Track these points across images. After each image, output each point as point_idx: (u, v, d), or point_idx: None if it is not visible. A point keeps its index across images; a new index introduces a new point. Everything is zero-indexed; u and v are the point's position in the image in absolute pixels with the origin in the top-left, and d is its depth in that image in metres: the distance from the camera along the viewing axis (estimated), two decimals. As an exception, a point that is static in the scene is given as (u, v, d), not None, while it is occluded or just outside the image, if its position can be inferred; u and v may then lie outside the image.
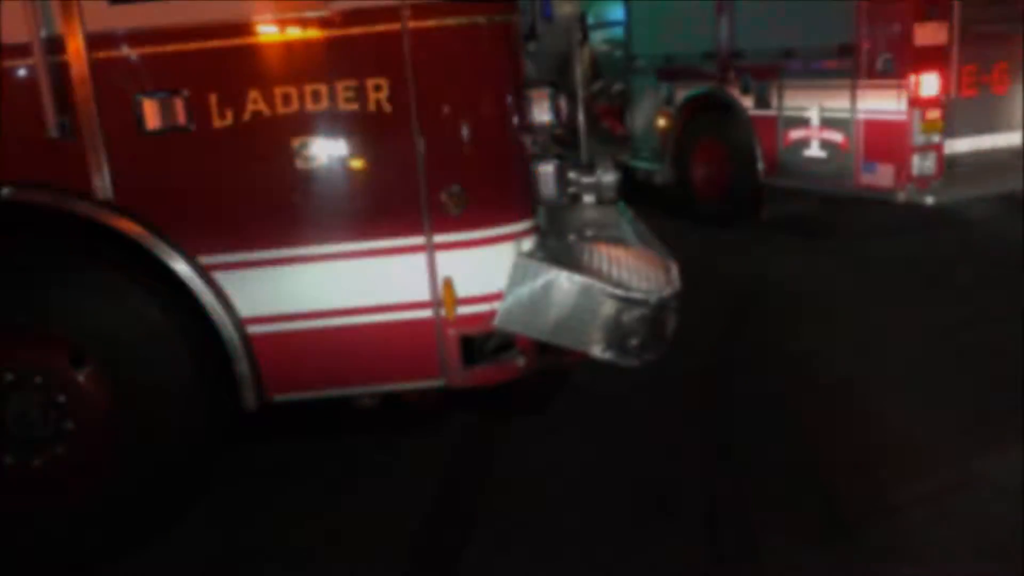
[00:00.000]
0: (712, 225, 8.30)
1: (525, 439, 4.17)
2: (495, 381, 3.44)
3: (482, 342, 3.42)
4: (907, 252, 6.99)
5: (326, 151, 3.16)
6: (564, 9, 4.33)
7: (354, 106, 3.12)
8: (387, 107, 3.12)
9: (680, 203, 8.95)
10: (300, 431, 4.25)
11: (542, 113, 3.38)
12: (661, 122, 9.09)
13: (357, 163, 3.18)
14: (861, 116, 6.85)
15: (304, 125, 3.13)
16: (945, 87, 6.57)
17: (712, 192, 8.62)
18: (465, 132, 3.20)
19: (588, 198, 4.50)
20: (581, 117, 5.59)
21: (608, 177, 3.97)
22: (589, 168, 3.99)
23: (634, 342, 3.24)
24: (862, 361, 4.84)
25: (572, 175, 3.81)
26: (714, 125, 8.45)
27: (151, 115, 3.12)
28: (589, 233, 4.21)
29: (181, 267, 3.21)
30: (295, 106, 3.11)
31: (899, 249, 7.11)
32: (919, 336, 5.13)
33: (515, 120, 3.30)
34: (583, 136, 5.12)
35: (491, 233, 3.25)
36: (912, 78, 6.49)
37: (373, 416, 3.98)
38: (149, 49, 3.11)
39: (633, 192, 8.41)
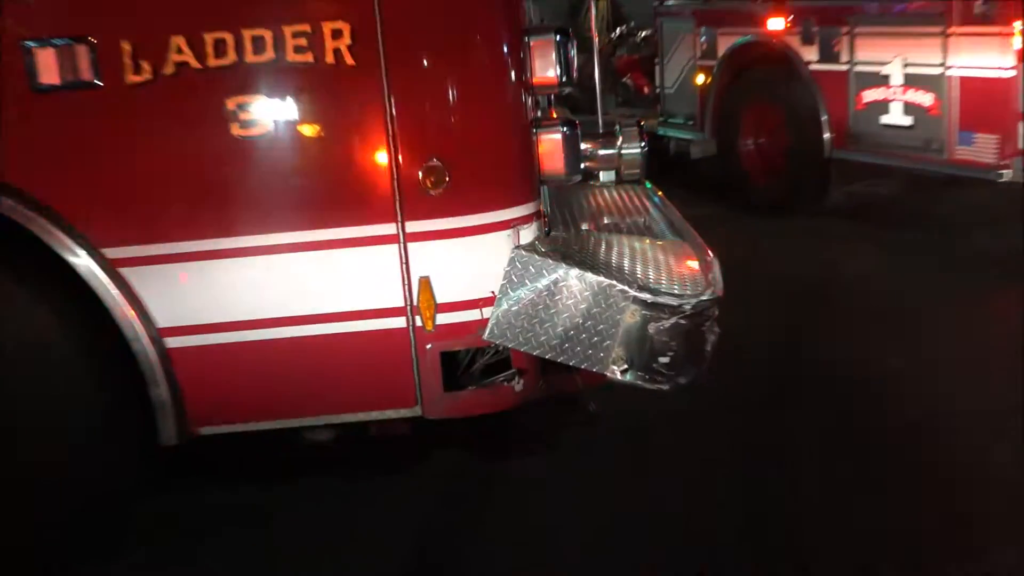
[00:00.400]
0: (765, 211, 8.31)
1: (523, 486, 4.16)
2: (485, 411, 3.44)
3: (469, 360, 3.43)
4: (1013, 247, 6.98)
5: (271, 114, 3.16)
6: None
7: (307, 57, 3.12)
8: (348, 59, 3.12)
9: (724, 182, 8.95)
10: (234, 474, 4.24)
11: (546, 67, 3.37)
12: (700, 78, 9.10)
13: (310, 130, 3.19)
14: (955, 72, 6.87)
15: (243, 82, 3.13)
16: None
17: (765, 168, 8.62)
18: (447, 91, 3.19)
19: (606, 176, 4.53)
20: (597, 72, 5.63)
21: (631, 149, 3.98)
22: (607, 137, 4.00)
23: (664, 360, 3.24)
24: (957, 387, 4.84)
25: (585, 146, 3.82)
26: (767, 83, 8.46)
27: (47, 67, 3.11)
28: (607, 220, 4.23)
29: (82, 262, 3.21)
30: (231, 57, 3.11)
31: (1003, 243, 7.10)
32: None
33: (512, 76, 3.30)
34: (600, 96, 5.15)
35: (480, 220, 3.25)
36: (1019, 24, 6.50)
37: (330, 455, 3.97)
38: (44, -17, 3.12)
39: (664, 168, 8.48)
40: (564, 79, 3.45)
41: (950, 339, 5.48)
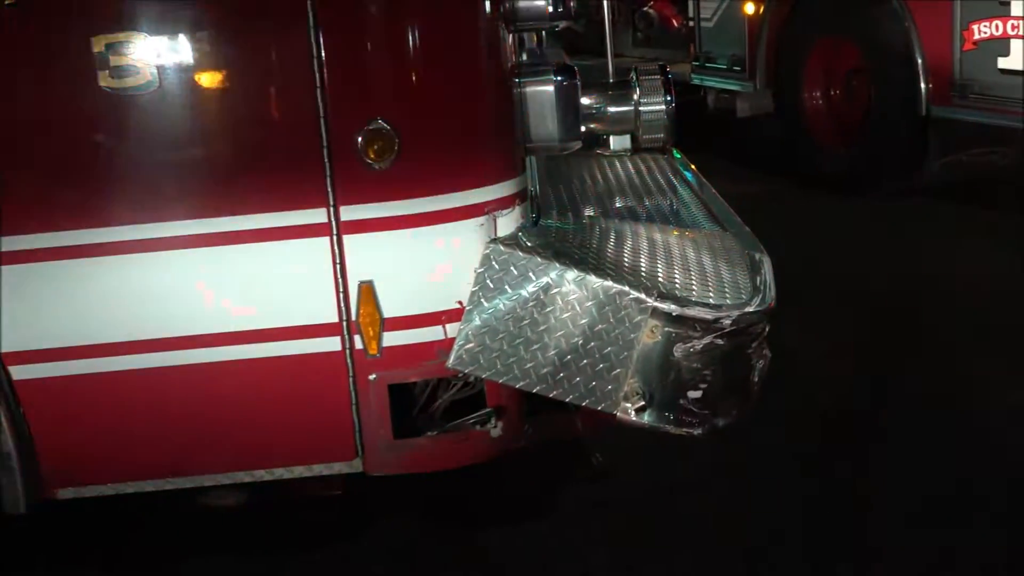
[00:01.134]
0: (838, 189, 8.34)
1: (505, 568, 4.16)
2: (450, 465, 3.45)
3: (428, 396, 3.43)
4: None
5: (153, 59, 3.15)
6: None
7: (204, -20, 3.15)
8: (261, -17, 3.16)
9: (783, 150, 8.96)
10: (100, 554, 4.23)
11: (534, -6, 3.41)
12: (749, 7, 9.12)
13: (207, 80, 3.19)
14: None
15: (114, 14, 3.14)
16: None
17: (838, 131, 8.64)
18: (396, 27, 3.21)
19: (618, 142, 4.54)
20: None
21: (653, 105, 3.99)
22: (620, 89, 4.01)
23: (695, 395, 3.25)
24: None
25: (589, 101, 3.82)
26: (841, 13, 8.49)
27: None
28: (620, 203, 4.23)
29: None
30: (98, -19, 3.13)
31: None
32: None
33: (485, 5, 3.30)
34: (610, 33, 5.15)
35: (442, 204, 3.26)
36: None
37: (236, 525, 3.97)
38: None
39: (701, 130, 8.47)
40: (558, 9, 3.45)
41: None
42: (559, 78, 3.45)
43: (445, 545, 4.34)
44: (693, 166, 4.71)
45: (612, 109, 4.01)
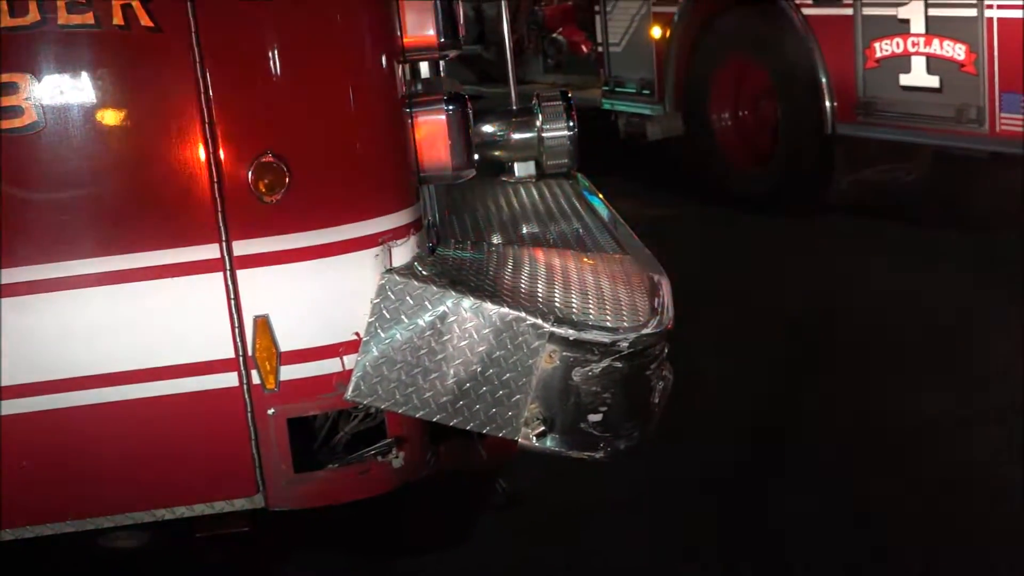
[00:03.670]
0: (748, 208, 8.39)
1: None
2: (353, 497, 3.42)
3: (329, 429, 3.42)
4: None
5: (39, 99, 3.12)
6: None
7: (86, 18, 3.11)
8: (144, 19, 3.11)
9: (693, 172, 9.00)
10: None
11: (423, 22, 3.39)
12: (656, 31, 9.17)
13: (96, 118, 3.17)
14: (995, 14, 6.98)
15: (2, 56, 3.11)
16: None
17: (747, 151, 8.71)
18: (282, 59, 3.20)
19: (523, 168, 4.55)
20: (506, 26, 5.64)
21: (556, 131, 3.99)
22: (523, 116, 4.01)
23: (595, 419, 3.26)
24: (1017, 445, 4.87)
25: (492, 129, 3.81)
26: (748, 35, 8.57)
27: None
28: (526, 230, 4.24)
29: None
30: (-18, 21, 3.11)
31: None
32: None
33: (372, 36, 3.32)
34: (510, 59, 5.15)
35: (336, 235, 3.25)
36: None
37: (137, 567, 3.92)
38: None
39: (612, 154, 8.50)
40: (449, 39, 3.46)
41: (1002, 375, 5.52)
42: (450, 107, 3.44)
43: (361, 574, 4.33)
44: (598, 191, 4.72)
45: (515, 136, 4.02)
